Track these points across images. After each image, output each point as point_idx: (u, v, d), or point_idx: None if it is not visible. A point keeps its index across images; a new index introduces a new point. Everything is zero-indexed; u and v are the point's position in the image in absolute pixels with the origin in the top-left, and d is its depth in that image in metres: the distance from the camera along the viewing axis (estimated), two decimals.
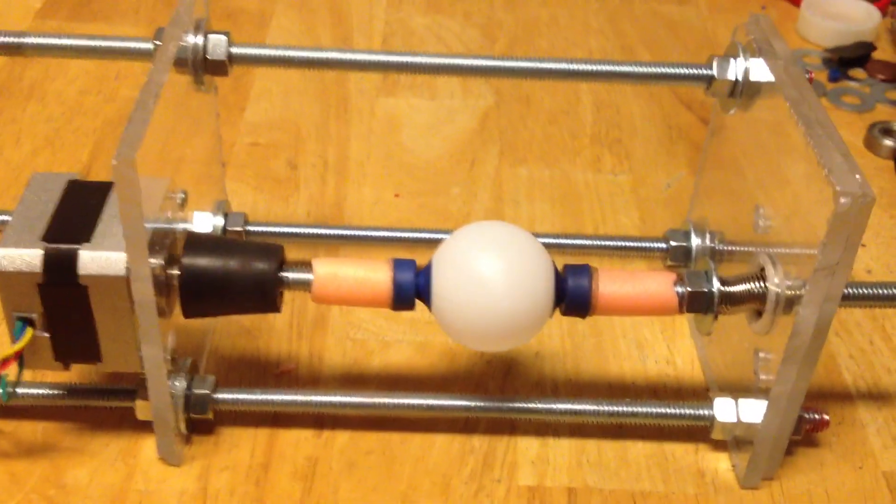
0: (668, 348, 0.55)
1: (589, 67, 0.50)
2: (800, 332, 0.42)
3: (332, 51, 0.50)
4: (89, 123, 0.69)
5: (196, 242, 0.44)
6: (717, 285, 0.45)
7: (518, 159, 0.69)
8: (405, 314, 0.52)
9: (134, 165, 0.38)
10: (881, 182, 0.68)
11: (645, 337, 0.55)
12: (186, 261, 0.44)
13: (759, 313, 0.45)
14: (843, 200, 0.39)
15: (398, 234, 0.59)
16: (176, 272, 0.44)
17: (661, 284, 0.45)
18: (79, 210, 0.44)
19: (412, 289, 0.45)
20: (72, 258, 0.41)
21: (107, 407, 0.48)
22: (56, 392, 0.48)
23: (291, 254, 0.59)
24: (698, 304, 0.45)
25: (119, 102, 0.71)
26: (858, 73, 0.80)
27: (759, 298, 0.45)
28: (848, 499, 0.48)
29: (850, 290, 0.46)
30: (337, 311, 0.56)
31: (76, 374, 0.50)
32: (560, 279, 0.44)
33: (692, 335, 0.56)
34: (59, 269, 0.41)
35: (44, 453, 0.47)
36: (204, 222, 0.54)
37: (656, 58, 0.80)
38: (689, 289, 0.45)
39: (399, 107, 0.73)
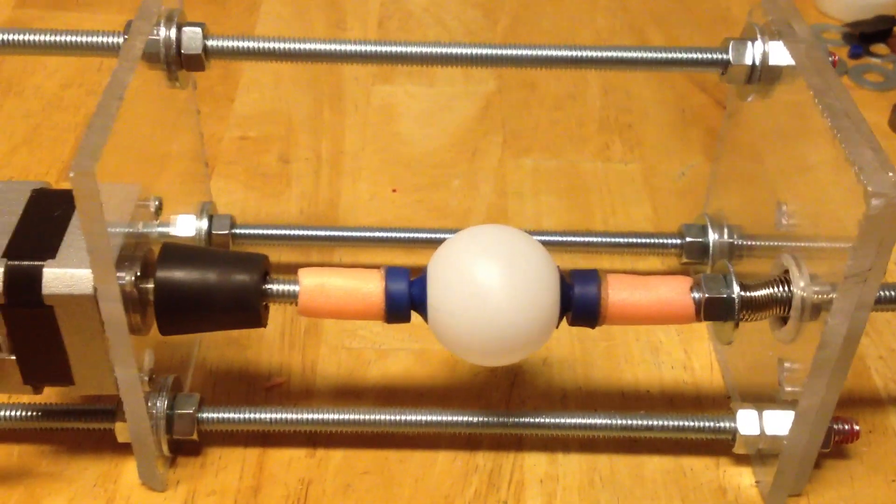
0: (684, 352, 0.51)
1: (594, 54, 0.47)
2: (829, 343, 0.39)
3: (317, 42, 0.46)
4: (70, 118, 0.66)
5: (172, 254, 0.41)
6: (737, 290, 0.41)
7: (522, 149, 0.65)
8: None
9: (93, 176, 0.35)
10: None
11: (660, 340, 0.52)
12: (161, 274, 0.40)
13: (784, 320, 0.42)
14: (875, 202, 0.35)
15: (395, 235, 0.55)
16: (150, 287, 0.40)
17: (675, 291, 0.42)
18: (43, 223, 0.40)
19: (406, 300, 0.41)
20: (35, 276, 0.38)
21: (85, 429, 0.45)
22: (31, 414, 0.45)
23: (283, 256, 0.56)
24: (717, 311, 0.41)
25: None
26: (881, 48, 0.76)
27: (783, 304, 0.41)
28: None
29: (884, 293, 0.43)
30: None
31: (53, 394, 0.47)
32: (566, 287, 0.41)
33: (711, 337, 0.52)
34: (22, 289, 0.38)
35: (19, 479, 0.44)
36: (187, 226, 0.50)
37: (667, 36, 0.76)
38: (706, 294, 0.41)
39: (396, 95, 0.70)
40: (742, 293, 0.41)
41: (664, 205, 0.61)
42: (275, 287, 0.42)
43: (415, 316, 0.42)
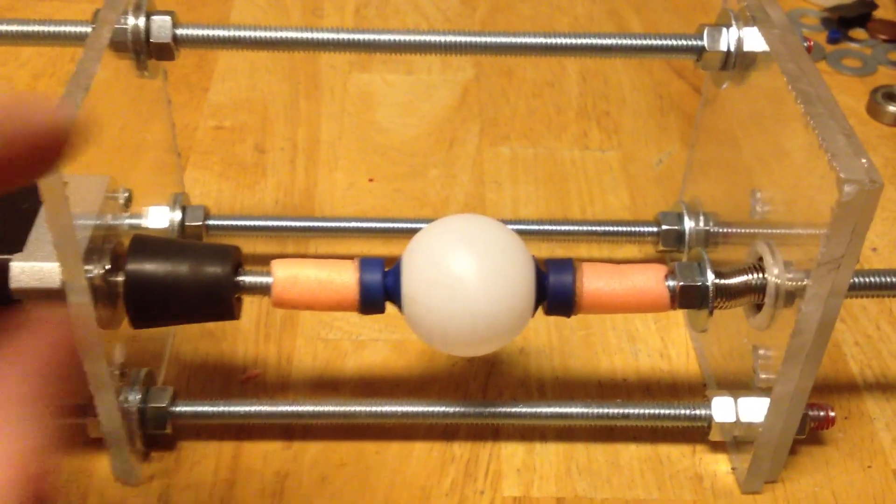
0: (661, 340, 0.51)
1: (570, 41, 0.46)
2: (802, 330, 0.39)
3: (290, 30, 0.46)
4: None
5: (142, 246, 0.41)
6: (711, 278, 0.41)
7: (500, 137, 0.65)
8: None
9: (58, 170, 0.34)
10: (885, 151, 0.64)
11: (637, 328, 0.52)
12: (131, 267, 0.40)
13: (758, 307, 0.42)
14: (847, 189, 0.35)
15: (372, 225, 0.55)
16: (120, 280, 0.40)
17: (650, 279, 0.41)
18: (10, 216, 0.40)
19: (380, 291, 0.41)
20: (2, 270, 0.38)
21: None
22: None
23: (258, 248, 0.56)
24: (691, 299, 0.41)
25: None
26: (859, 33, 0.76)
27: (757, 291, 0.41)
28: (857, 500, 0.44)
29: (858, 280, 0.43)
30: None
31: None
32: (541, 276, 0.41)
33: (687, 325, 0.52)
34: None
35: None
36: (160, 218, 0.50)
37: (646, 22, 0.76)
38: (681, 283, 0.41)
39: (373, 83, 0.69)
40: (716, 281, 0.41)
41: (642, 192, 0.61)
42: (247, 279, 0.41)
43: (392, 306, 0.41)
